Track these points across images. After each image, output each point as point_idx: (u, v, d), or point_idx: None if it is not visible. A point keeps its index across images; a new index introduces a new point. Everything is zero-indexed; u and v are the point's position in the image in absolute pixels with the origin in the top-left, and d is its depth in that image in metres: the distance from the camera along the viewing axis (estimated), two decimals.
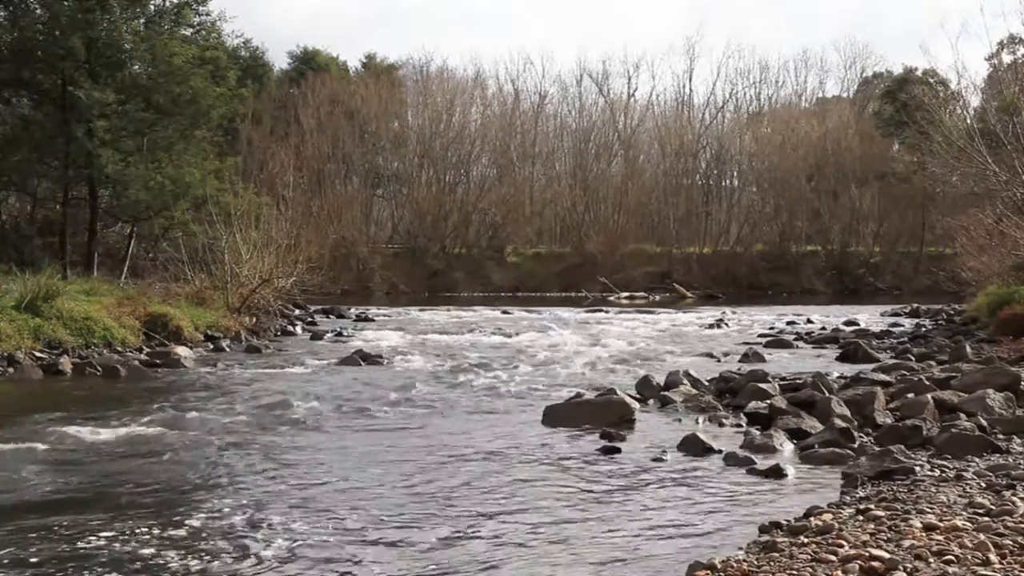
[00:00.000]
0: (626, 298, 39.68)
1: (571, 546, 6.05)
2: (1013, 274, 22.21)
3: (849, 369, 14.52)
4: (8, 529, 6.34)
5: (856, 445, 8.70)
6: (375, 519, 6.65)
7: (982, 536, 5.42)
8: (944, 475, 7.47)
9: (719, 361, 16.59)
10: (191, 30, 25.52)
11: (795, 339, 20.52)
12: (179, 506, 7.04)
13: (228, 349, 18.17)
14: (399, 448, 9.11)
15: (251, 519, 6.63)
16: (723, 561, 5.38)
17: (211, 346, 18.27)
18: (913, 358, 15.61)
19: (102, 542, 6.09)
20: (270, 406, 11.37)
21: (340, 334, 21.58)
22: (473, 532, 6.36)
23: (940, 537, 5.47)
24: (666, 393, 11.79)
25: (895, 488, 7.07)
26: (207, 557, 5.84)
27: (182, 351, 16.47)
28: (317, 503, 7.07)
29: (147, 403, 11.68)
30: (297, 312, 25.87)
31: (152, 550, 5.93)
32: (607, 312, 29.84)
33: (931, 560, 5.05)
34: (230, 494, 7.37)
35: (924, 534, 5.54)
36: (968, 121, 27.64)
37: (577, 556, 5.86)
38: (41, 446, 9.01)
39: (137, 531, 6.32)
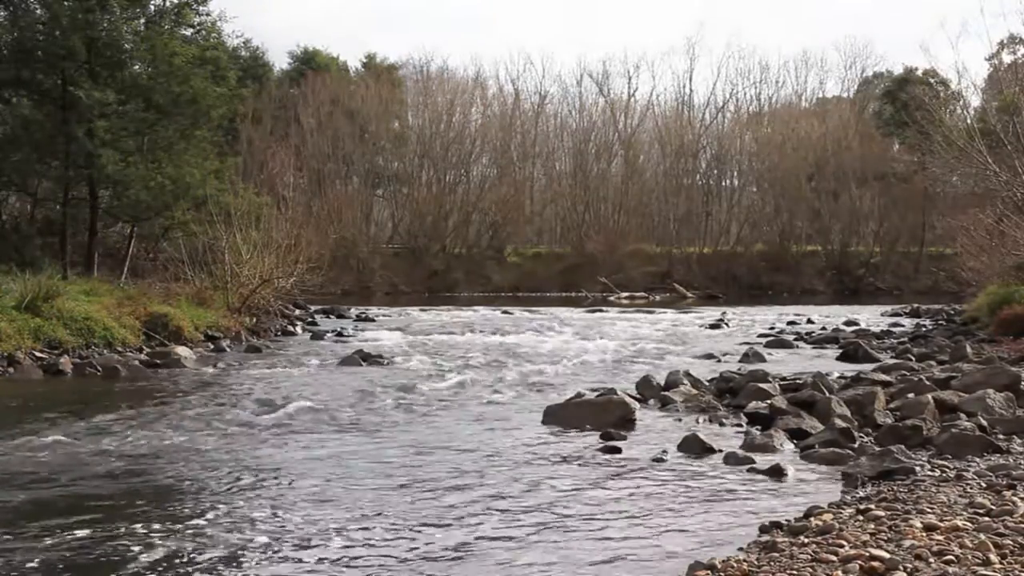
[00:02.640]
0: (626, 298, 39.67)
1: (571, 546, 6.05)
2: (1013, 274, 22.20)
3: (849, 369, 14.52)
4: (8, 530, 6.34)
5: (856, 445, 8.71)
6: (375, 519, 6.65)
7: (982, 536, 5.42)
8: (944, 475, 7.47)
9: (719, 361, 16.59)
10: (191, 30, 25.49)
11: (795, 339, 20.52)
12: (179, 506, 7.04)
13: (228, 349, 18.18)
14: (399, 448, 9.11)
15: (251, 519, 6.63)
16: (723, 561, 5.38)
17: (211, 346, 18.26)
18: (913, 358, 15.61)
19: (102, 542, 6.09)
20: (271, 406, 11.37)
21: (340, 334, 21.59)
22: (473, 532, 6.36)
23: (940, 537, 5.47)
24: (666, 393, 11.79)
25: (895, 488, 7.07)
26: (207, 557, 5.83)
27: (182, 351, 16.46)
28: (318, 503, 7.07)
29: (147, 403, 11.68)
30: (297, 312, 25.87)
31: (152, 550, 5.93)
32: (607, 312, 29.83)
33: (931, 560, 5.05)
34: (230, 495, 7.37)
35: (924, 534, 5.54)
36: (968, 121, 27.64)
37: (577, 556, 5.86)
38: (41, 447, 9.02)
39: (138, 532, 6.32)
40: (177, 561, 5.75)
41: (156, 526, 6.45)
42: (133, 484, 7.67)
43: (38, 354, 14.99)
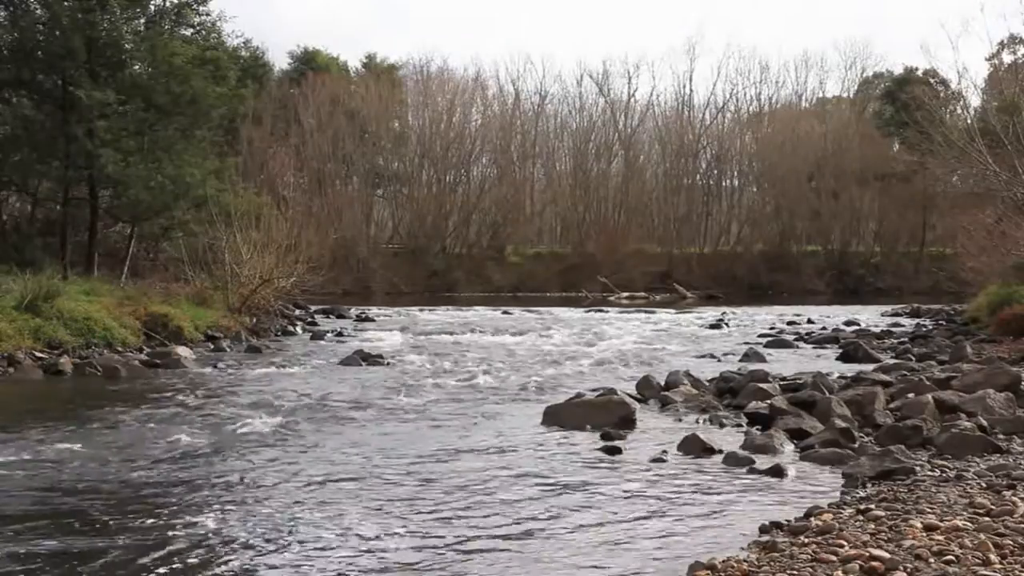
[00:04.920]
0: (626, 298, 39.67)
1: (571, 546, 6.05)
2: (1013, 274, 22.20)
3: (849, 369, 14.52)
4: (9, 529, 6.34)
5: (856, 445, 8.71)
6: (374, 519, 6.65)
7: (982, 536, 5.42)
8: (944, 475, 7.48)
9: (719, 361, 16.59)
10: (191, 30, 25.47)
11: (795, 339, 20.52)
12: (179, 506, 7.03)
13: (228, 349, 18.17)
14: (399, 448, 9.11)
15: (251, 519, 6.63)
16: (723, 561, 5.38)
17: (211, 346, 18.26)
18: (913, 358, 15.62)
19: (102, 542, 6.09)
20: (270, 406, 11.37)
21: (340, 334, 21.59)
22: (472, 532, 6.36)
23: (940, 537, 5.47)
24: (666, 393, 11.80)
25: (895, 488, 7.07)
26: (206, 556, 5.83)
27: (182, 351, 16.47)
28: (317, 502, 7.06)
29: (147, 403, 11.68)
30: (297, 312, 25.88)
31: (152, 550, 5.93)
32: (607, 312, 29.83)
33: (931, 560, 5.05)
34: (230, 494, 7.37)
35: (924, 534, 5.54)
36: (968, 121, 27.64)
37: (577, 556, 5.86)
38: (41, 447, 9.01)
39: (137, 531, 6.32)
40: (176, 561, 5.74)
41: (155, 526, 6.45)
42: (132, 484, 7.66)
43: (38, 354, 14.98)
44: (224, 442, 9.35)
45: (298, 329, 22.67)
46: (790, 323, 25.51)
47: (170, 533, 6.29)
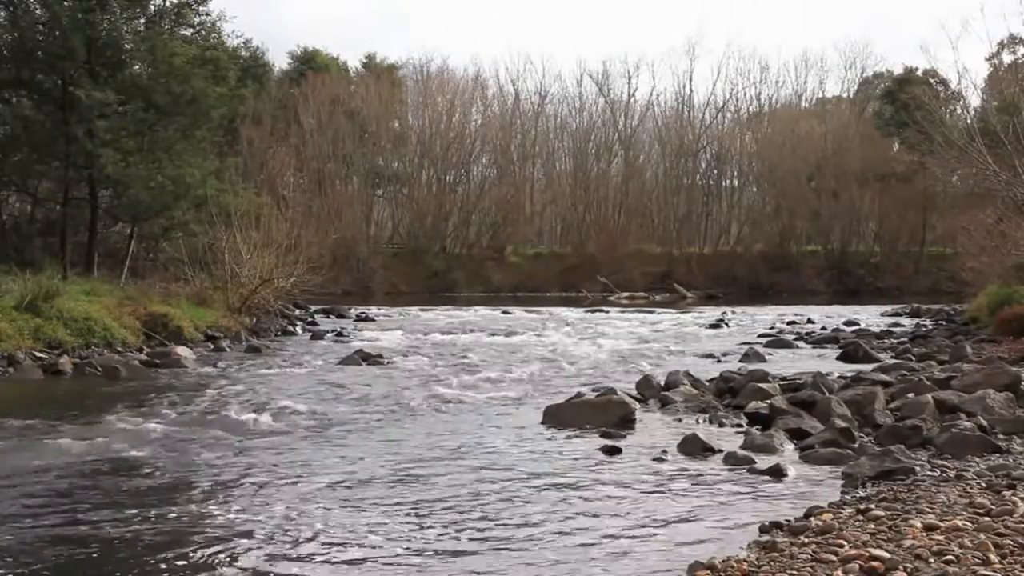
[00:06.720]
0: (626, 298, 39.68)
1: (571, 546, 6.05)
2: (1013, 274, 22.21)
3: (849, 369, 14.52)
4: (9, 529, 6.34)
5: (856, 445, 8.70)
6: (374, 520, 6.65)
7: (982, 536, 5.41)
8: (944, 475, 7.48)
9: (719, 361, 16.59)
10: (191, 30, 25.47)
11: (795, 339, 20.52)
12: (179, 506, 7.03)
13: (228, 349, 18.17)
14: (399, 448, 9.11)
15: (250, 520, 6.63)
16: (723, 561, 5.38)
17: (211, 346, 18.27)
18: (913, 358, 15.62)
19: (102, 542, 6.09)
20: (270, 406, 11.37)
21: (340, 334, 21.59)
22: (471, 532, 6.36)
23: (940, 537, 5.47)
24: (666, 393, 11.79)
25: (895, 488, 7.07)
26: (206, 557, 5.83)
27: (182, 351, 16.46)
28: (316, 503, 7.06)
29: (147, 403, 11.68)
30: (297, 312, 25.90)
31: (152, 550, 5.94)
32: (607, 312, 29.84)
33: (931, 560, 5.05)
34: (230, 495, 7.37)
35: (924, 534, 5.54)
36: (968, 121, 27.64)
37: (577, 556, 5.86)
38: (41, 447, 9.01)
39: (137, 532, 6.32)
40: (177, 560, 5.75)
41: (156, 526, 6.45)
42: (132, 485, 7.66)
43: (38, 354, 14.97)
44: (224, 442, 9.34)
45: (298, 329, 22.68)
46: (790, 323, 25.52)
47: (171, 533, 6.29)
